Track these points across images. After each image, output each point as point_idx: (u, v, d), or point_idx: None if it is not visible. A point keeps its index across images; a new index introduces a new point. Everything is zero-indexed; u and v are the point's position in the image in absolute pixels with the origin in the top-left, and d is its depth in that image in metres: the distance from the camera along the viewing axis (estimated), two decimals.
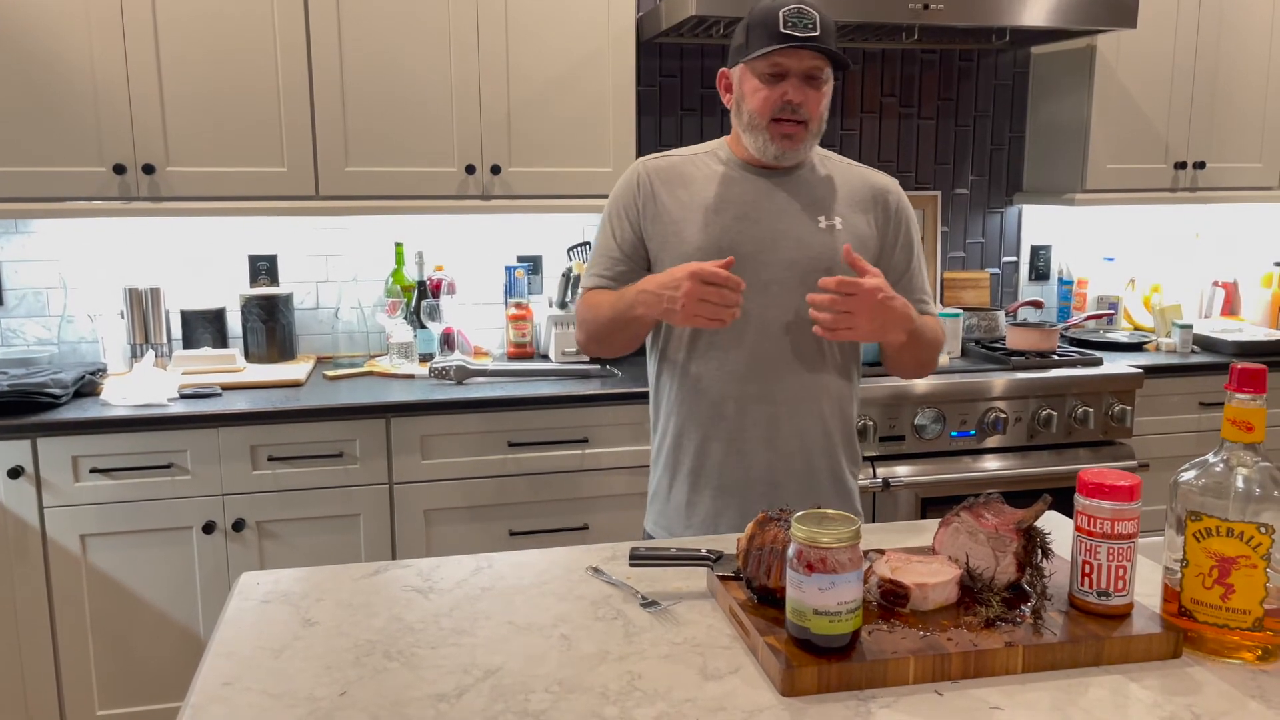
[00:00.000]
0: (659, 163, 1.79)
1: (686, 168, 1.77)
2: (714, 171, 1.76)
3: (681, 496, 1.80)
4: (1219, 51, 3.22)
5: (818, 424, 1.76)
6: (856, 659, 1.10)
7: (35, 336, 2.91)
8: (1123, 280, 3.55)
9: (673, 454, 1.80)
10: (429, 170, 2.74)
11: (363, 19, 2.64)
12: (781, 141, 1.67)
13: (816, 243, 1.71)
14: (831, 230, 1.72)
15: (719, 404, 1.74)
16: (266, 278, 3.01)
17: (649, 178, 1.77)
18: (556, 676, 1.12)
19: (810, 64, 1.64)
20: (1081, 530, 1.20)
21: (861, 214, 1.76)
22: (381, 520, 2.55)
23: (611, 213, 1.80)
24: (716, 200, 1.73)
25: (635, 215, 1.77)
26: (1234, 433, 1.15)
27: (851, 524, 1.11)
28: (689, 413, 1.77)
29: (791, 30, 1.60)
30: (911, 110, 3.38)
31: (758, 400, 1.72)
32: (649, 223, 1.75)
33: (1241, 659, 1.15)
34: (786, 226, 1.72)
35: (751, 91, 1.67)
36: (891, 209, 1.79)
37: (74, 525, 2.39)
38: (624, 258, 1.77)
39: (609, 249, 1.79)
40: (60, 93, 2.51)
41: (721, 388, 1.73)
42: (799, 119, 1.66)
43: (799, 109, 1.65)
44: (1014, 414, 2.80)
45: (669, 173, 1.77)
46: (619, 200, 1.79)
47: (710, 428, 1.75)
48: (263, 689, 1.10)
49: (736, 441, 1.74)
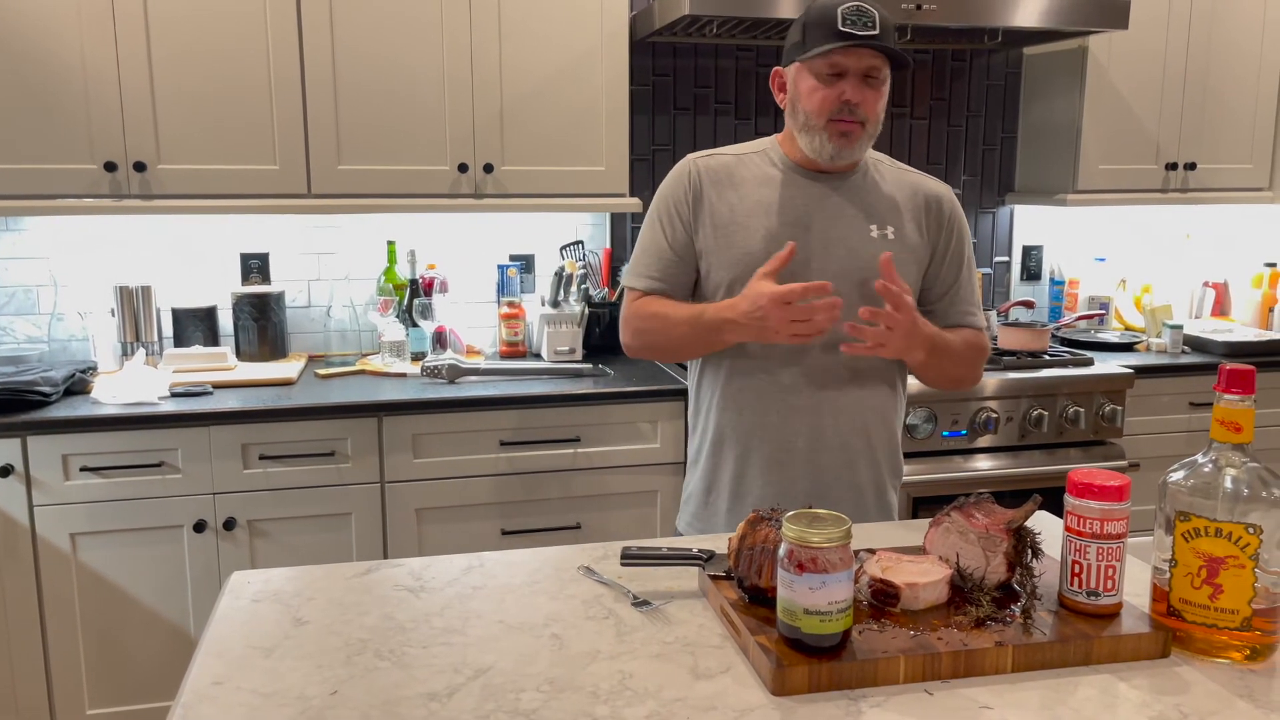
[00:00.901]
0: (710, 161, 1.74)
1: (738, 168, 1.73)
2: (766, 174, 1.72)
3: (723, 504, 1.77)
4: (1210, 53, 3.24)
5: (862, 437, 1.73)
6: (847, 658, 1.10)
7: (25, 334, 2.90)
8: (1114, 280, 3.56)
9: (712, 459, 1.77)
10: (422, 168, 2.74)
11: (355, 17, 2.64)
12: (838, 140, 1.63)
13: (868, 252, 1.67)
14: (884, 240, 1.69)
15: (763, 413, 1.70)
16: (258, 276, 3.00)
17: (699, 176, 1.72)
18: (547, 676, 1.12)
19: (869, 63, 1.60)
20: (1071, 530, 1.21)
21: (913, 222, 1.73)
22: (373, 519, 2.55)
23: (660, 210, 1.75)
24: (769, 205, 1.69)
25: (686, 213, 1.72)
26: (1222, 433, 1.15)
27: (842, 524, 1.11)
28: (732, 420, 1.73)
29: (851, 28, 1.56)
30: (904, 110, 3.39)
31: (803, 411, 1.69)
32: (700, 223, 1.71)
33: (1230, 658, 1.15)
34: (840, 234, 1.68)
35: (809, 91, 1.63)
36: (945, 218, 1.76)
37: (64, 524, 2.38)
38: (676, 258, 1.73)
39: (659, 248, 1.74)
40: (51, 90, 2.50)
41: (766, 397, 1.70)
42: (856, 119, 1.62)
43: (856, 109, 1.61)
44: (1005, 414, 2.81)
45: (720, 173, 1.73)
46: (669, 197, 1.74)
47: (752, 437, 1.72)
48: (253, 688, 1.10)
49: (779, 453, 1.71)
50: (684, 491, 1.88)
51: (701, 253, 1.73)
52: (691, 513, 1.83)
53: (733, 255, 1.69)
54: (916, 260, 1.73)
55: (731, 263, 1.69)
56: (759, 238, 1.68)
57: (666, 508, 2.69)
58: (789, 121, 1.71)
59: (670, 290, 1.74)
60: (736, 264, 1.68)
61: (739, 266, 1.68)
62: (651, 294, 1.74)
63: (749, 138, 3.29)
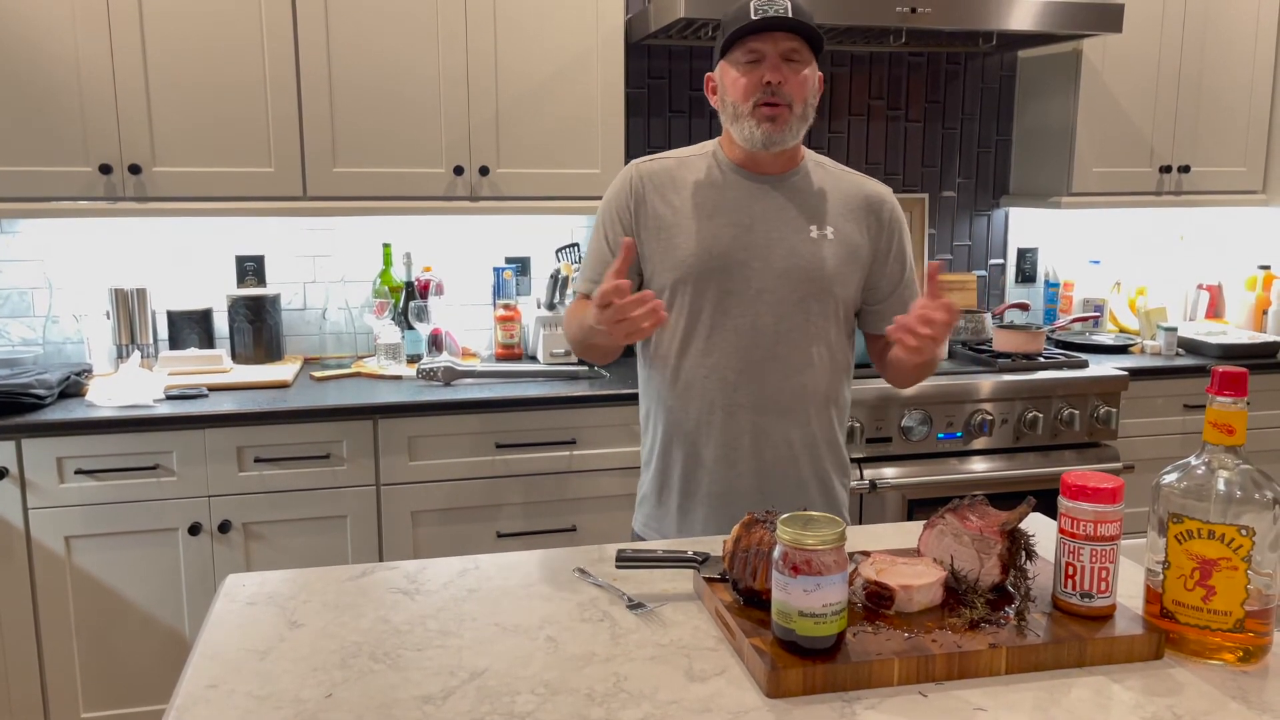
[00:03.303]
0: (652, 166, 1.78)
1: (680, 171, 1.76)
2: (708, 176, 1.75)
3: (673, 503, 1.79)
4: (1204, 56, 3.25)
5: (805, 432, 1.75)
6: (841, 660, 1.10)
7: (20, 337, 2.89)
8: (1108, 283, 3.57)
9: (663, 460, 1.80)
10: (417, 171, 2.74)
11: (351, 19, 2.64)
12: (766, 125, 1.64)
13: (807, 252, 1.71)
14: (823, 240, 1.72)
15: (708, 412, 1.73)
16: (253, 278, 3.00)
17: (641, 181, 1.76)
18: (542, 678, 1.12)
19: (785, 45, 1.63)
20: (1064, 532, 1.21)
21: (854, 223, 1.75)
22: (368, 522, 2.54)
23: (605, 216, 1.79)
24: (709, 206, 1.72)
25: (629, 218, 1.75)
26: (1215, 435, 1.16)
27: (836, 526, 1.11)
28: (678, 420, 1.76)
29: (764, 15, 1.60)
30: (899, 113, 3.40)
31: (746, 408, 1.72)
32: (642, 227, 1.74)
33: (1223, 660, 1.16)
34: (779, 235, 1.71)
35: (731, 82, 1.67)
36: (885, 219, 1.78)
37: (59, 527, 2.38)
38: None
39: (602, 252, 1.78)
40: (46, 92, 2.50)
41: (710, 395, 1.73)
42: (780, 100, 1.64)
43: (779, 89, 1.63)
44: (1000, 416, 2.81)
45: (661, 176, 1.76)
46: (612, 203, 1.78)
47: (699, 435, 1.74)
48: (248, 691, 1.10)
49: (724, 449, 1.74)
50: (638, 493, 1.90)
51: (644, 257, 1.75)
52: (646, 514, 1.86)
53: (675, 258, 1.71)
54: (856, 259, 1.75)
55: (673, 265, 1.71)
56: (698, 238, 1.70)
57: None
58: (723, 119, 1.73)
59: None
60: (679, 266, 1.71)
61: (681, 269, 1.71)
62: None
63: None
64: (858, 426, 2.70)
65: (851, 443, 2.70)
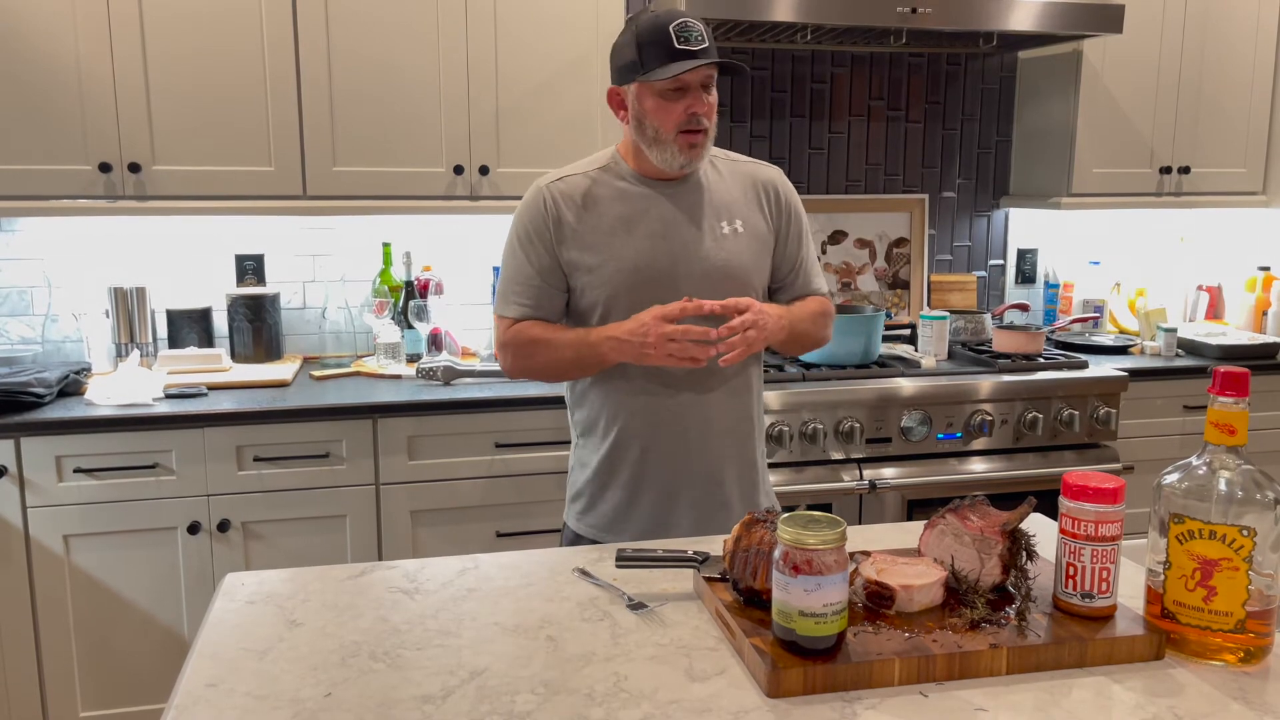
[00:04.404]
0: (562, 185, 1.79)
1: (591, 188, 1.78)
2: (617, 189, 1.78)
3: (620, 499, 1.82)
4: (1204, 57, 3.25)
5: (745, 421, 1.85)
6: (842, 660, 1.10)
7: (19, 335, 2.89)
8: (1108, 284, 3.57)
9: (608, 461, 1.82)
10: (417, 170, 2.74)
11: (351, 19, 2.64)
12: (689, 152, 1.72)
13: (723, 251, 1.78)
14: (735, 235, 1.79)
15: (656, 414, 1.78)
16: (253, 277, 3.00)
17: (555, 201, 1.77)
18: (542, 678, 1.12)
19: (706, 74, 1.71)
20: (1065, 532, 1.21)
21: (756, 211, 1.83)
22: (368, 521, 2.54)
23: (520, 237, 1.79)
24: (626, 220, 1.76)
25: (548, 239, 1.76)
26: (1216, 435, 1.15)
27: (837, 526, 1.11)
28: (626, 425, 1.79)
29: (686, 45, 1.65)
30: (899, 113, 3.40)
31: (692, 406, 1.78)
32: (562, 246, 1.76)
33: (1223, 661, 1.16)
34: (693, 237, 1.77)
35: (654, 109, 1.70)
36: (781, 199, 1.86)
37: (57, 525, 2.37)
38: (543, 283, 1.78)
39: (525, 275, 1.78)
40: (46, 90, 2.50)
41: (657, 399, 1.78)
42: (702, 129, 1.71)
43: (702, 119, 1.71)
44: (1000, 416, 2.81)
45: (574, 195, 1.77)
46: (527, 225, 1.78)
47: (651, 435, 1.79)
48: (247, 690, 1.10)
49: (676, 444, 1.79)
50: (569, 489, 1.92)
51: (571, 273, 1.77)
52: (581, 509, 1.87)
53: (605, 274, 1.75)
54: (764, 245, 1.84)
55: (604, 281, 1.75)
56: (624, 252, 1.75)
57: None
58: (635, 137, 1.76)
59: (544, 315, 1.79)
60: (609, 281, 1.74)
61: (613, 284, 1.74)
62: (525, 320, 1.79)
63: (744, 141, 3.30)
64: (857, 427, 2.70)
65: (851, 443, 2.70)
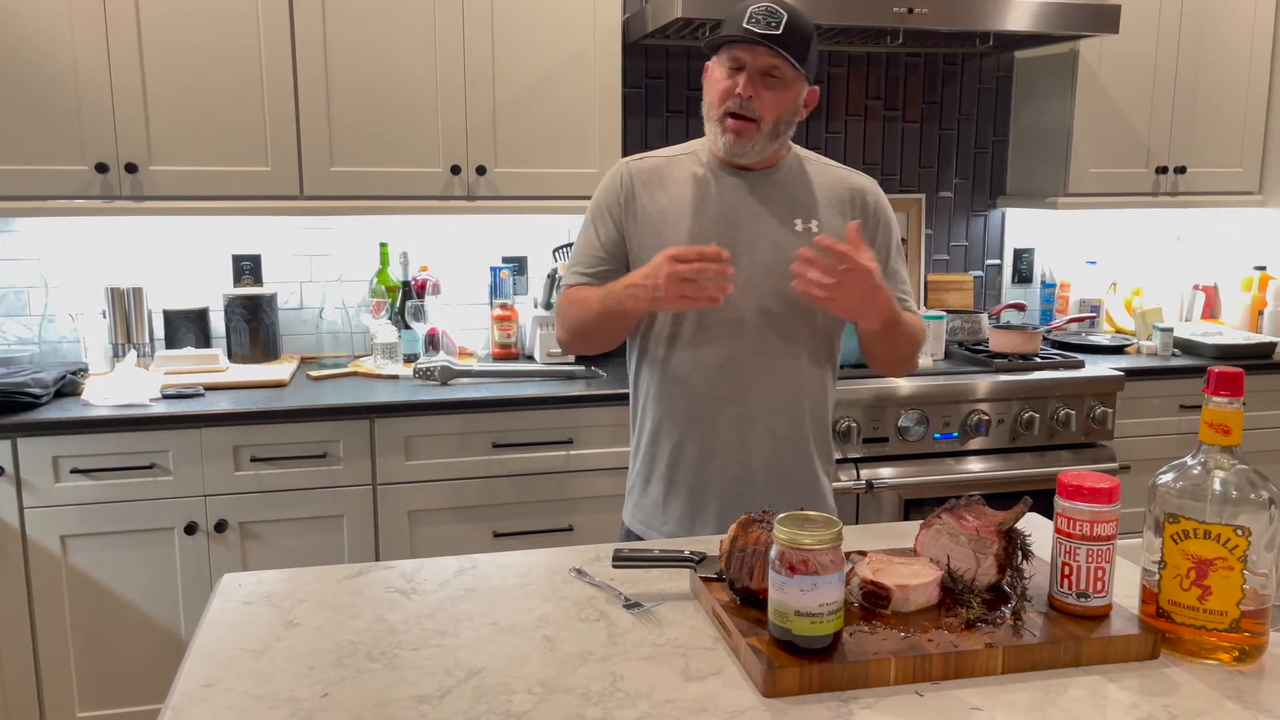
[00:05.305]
0: (641, 164, 1.80)
1: (668, 169, 1.79)
2: (693, 173, 1.77)
3: (658, 494, 1.81)
4: (1200, 57, 3.25)
5: (789, 425, 1.77)
6: (838, 660, 1.10)
7: (16, 336, 2.89)
8: (1104, 283, 3.57)
9: (649, 451, 1.82)
10: (414, 170, 2.74)
11: (348, 18, 2.64)
12: (730, 136, 1.67)
13: (791, 246, 1.71)
14: (808, 234, 1.73)
15: (694, 405, 1.75)
16: (250, 277, 3.00)
17: (631, 178, 1.78)
18: (539, 678, 1.12)
19: (765, 61, 1.64)
20: (1061, 532, 1.21)
21: (839, 216, 1.77)
22: (365, 521, 2.54)
23: (594, 211, 1.81)
24: (695, 203, 1.74)
25: (618, 214, 1.78)
26: (1211, 435, 1.16)
27: (833, 526, 1.11)
28: (665, 412, 1.78)
29: (753, 26, 1.60)
30: (896, 113, 3.40)
31: (730, 401, 1.74)
32: (630, 222, 1.77)
33: (1218, 660, 1.16)
34: (763, 229, 1.73)
35: (712, 83, 1.69)
36: (870, 210, 1.80)
37: (54, 526, 2.37)
38: (607, 256, 1.78)
39: (592, 247, 1.80)
40: (42, 90, 2.50)
41: (696, 389, 1.74)
42: (749, 115, 1.65)
43: (748, 104, 1.64)
44: (996, 416, 2.81)
45: (650, 174, 1.78)
46: (602, 199, 1.81)
47: (685, 428, 1.76)
48: (244, 690, 1.10)
49: (709, 442, 1.76)
50: (627, 483, 1.92)
51: (633, 252, 1.77)
52: (634, 503, 1.87)
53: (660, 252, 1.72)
54: None
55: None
56: (687, 236, 1.72)
57: None
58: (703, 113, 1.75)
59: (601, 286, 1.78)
60: None
61: None
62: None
63: None
64: (854, 426, 2.70)
65: (848, 442, 2.70)
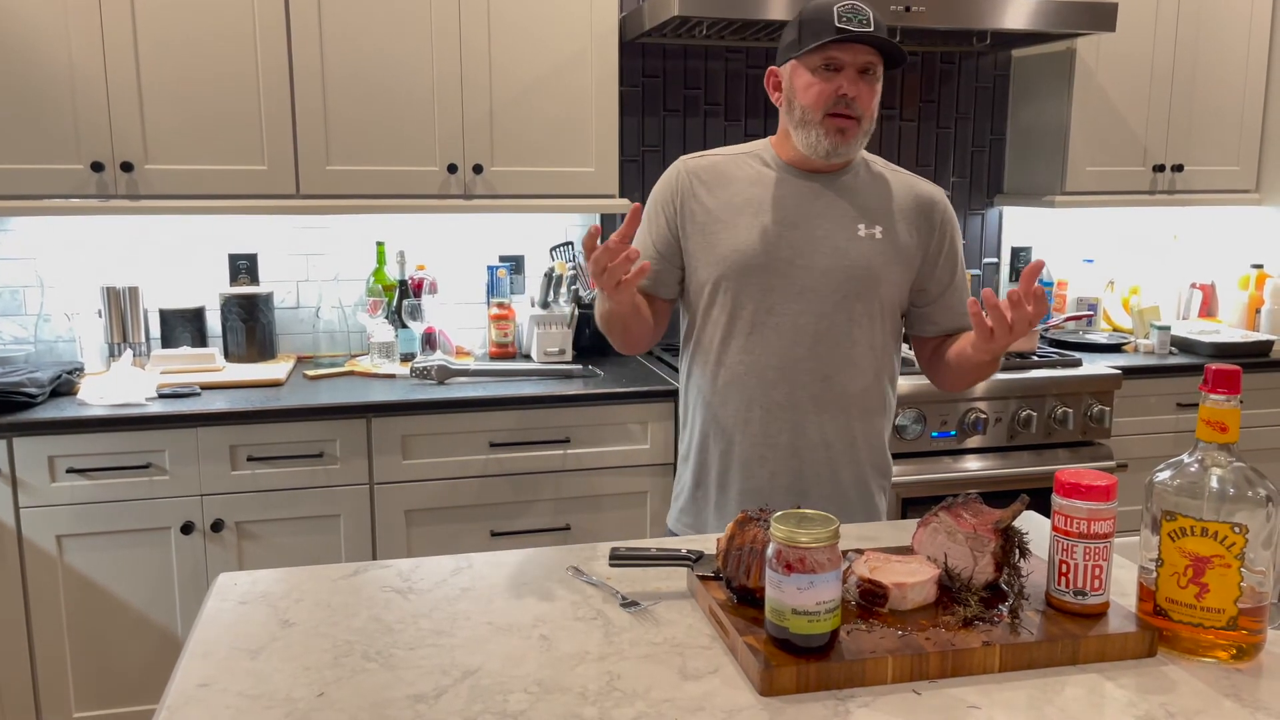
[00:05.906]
0: (700, 161, 1.77)
1: (728, 167, 1.75)
2: (757, 173, 1.74)
3: (712, 499, 1.78)
4: (1197, 55, 3.25)
5: (845, 436, 1.73)
6: (835, 658, 1.10)
7: (11, 335, 2.88)
8: (1102, 282, 3.58)
9: (700, 455, 1.79)
10: (411, 169, 2.73)
11: (344, 17, 2.63)
12: (835, 136, 1.63)
13: (854, 251, 1.69)
14: (872, 239, 1.70)
15: (746, 409, 1.72)
16: (246, 277, 2.99)
17: (688, 177, 1.75)
18: (535, 677, 1.12)
19: (864, 59, 1.62)
20: (1058, 530, 1.21)
21: (905, 223, 1.73)
22: (362, 521, 2.54)
23: (650, 210, 1.78)
24: (758, 202, 1.71)
25: (673, 213, 1.75)
26: (1208, 433, 1.16)
27: (830, 524, 1.11)
28: (716, 416, 1.75)
29: (847, 25, 1.58)
30: (893, 112, 3.40)
31: (784, 406, 1.71)
32: (686, 222, 1.74)
33: (1216, 658, 1.16)
34: (826, 233, 1.69)
35: (805, 86, 1.64)
36: (937, 221, 1.76)
37: (50, 526, 2.37)
38: (657, 255, 1.76)
39: (644, 245, 1.77)
40: (38, 89, 2.49)
41: (749, 393, 1.71)
42: (852, 114, 1.63)
43: (853, 103, 1.62)
44: (994, 414, 2.81)
45: (709, 172, 1.75)
46: (658, 198, 1.78)
47: (737, 433, 1.73)
48: (240, 690, 1.10)
49: (760, 448, 1.72)
50: (675, 488, 1.89)
51: (688, 252, 1.75)
52: (680, 508, 1.85)
53: (718, 253, 1.70)
54: (906, 261, 1.73)
55: (715, 261, 1.70)
56: (746, 235, 1.69)
57: (656, 509, 2.69)
58: (785, 119, 1.71)
59: (649, 287, 1.76)
60: (722, 261, 1.70)
61: (725, 264, 1.69)
62: None
63: (738, 139, 3.30)
64: None
65: None
